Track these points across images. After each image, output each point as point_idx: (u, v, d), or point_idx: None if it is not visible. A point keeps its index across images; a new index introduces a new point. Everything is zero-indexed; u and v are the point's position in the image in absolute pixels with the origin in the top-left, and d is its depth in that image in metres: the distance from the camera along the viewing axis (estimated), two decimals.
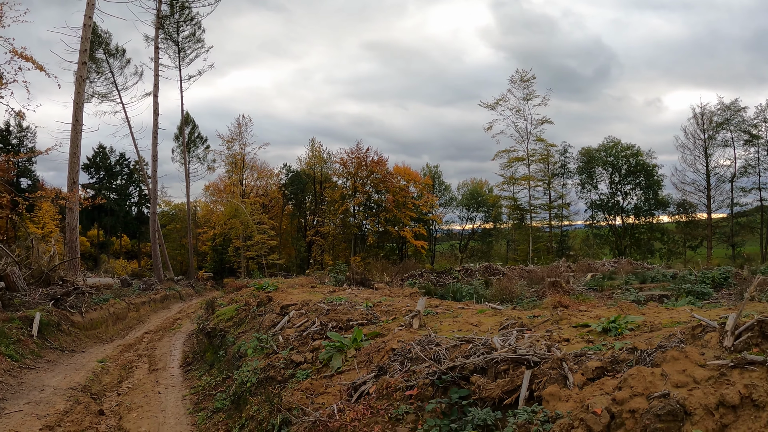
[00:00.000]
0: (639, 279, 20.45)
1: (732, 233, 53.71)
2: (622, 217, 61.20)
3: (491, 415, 4.53)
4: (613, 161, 60.10)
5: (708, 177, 53.85)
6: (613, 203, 60.74)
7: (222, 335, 13.64)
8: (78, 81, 28.98)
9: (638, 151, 59.68)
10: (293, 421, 6.04)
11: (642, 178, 59.62)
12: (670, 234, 60.41)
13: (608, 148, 60.48)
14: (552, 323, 7.02)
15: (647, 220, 60.78)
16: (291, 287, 17.36)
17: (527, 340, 5.79)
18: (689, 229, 58.28)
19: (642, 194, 60.28)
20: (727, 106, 52.93)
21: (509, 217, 62.50)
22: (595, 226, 62.76)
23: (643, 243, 59.74)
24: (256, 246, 52.75)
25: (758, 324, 4.23)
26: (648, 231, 60.60)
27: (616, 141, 60.61)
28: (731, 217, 54.89)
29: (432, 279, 23.96)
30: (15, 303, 16.61)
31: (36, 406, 9.82)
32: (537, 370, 4.81)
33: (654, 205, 59.94)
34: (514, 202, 59.55)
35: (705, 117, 53.69)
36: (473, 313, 8.76)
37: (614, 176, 60.73)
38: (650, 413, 3.55)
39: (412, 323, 7.84)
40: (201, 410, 9.49)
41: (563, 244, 59.33)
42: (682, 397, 3.61)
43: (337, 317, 9.25)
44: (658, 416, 3.51)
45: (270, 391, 7.30)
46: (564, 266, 31.60)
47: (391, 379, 5.60)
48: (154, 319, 24.41)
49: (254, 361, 8.86)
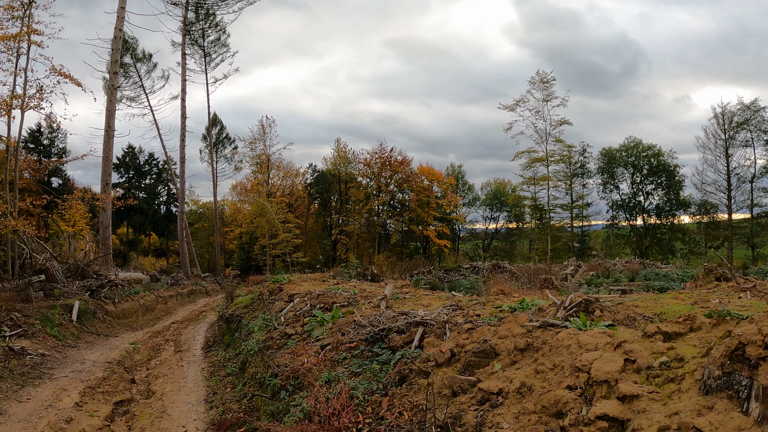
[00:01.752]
0: (629, 277, 22.13)
1: (752, 234, 54.34)
2: (643, 217, 62.07)
3: (389, 355, 6.65)
4: (634, 161, 61.10)
5: (729, 177, 54.33)
6: (635, 203, 61.73)
7: (238, 320, 15.83)
8: (110, 89, 31.52)
9: (659, 151, 60.67)
10: (278, 373, 8.14)
11: (664, 178, 60.54)
12: (691, 234, 61.15)
13: (629, 148, 61.52)
14: (480, 305, 9.00)
15: (668, 221, 61.56)
16: (303, 281, 19.45)
17: (437, 312, 7.83)
18: (710, 230, 59.03)
19: (663, 194, 61.18)
20: (747, 106, 53.54)
21: (531, 216, 63.91)
22: (616, 225, 63.73)
23: (664, 243, 60.59)
24: (281, 244, 54.78)
25: (584, 301, 6.20)
26: (669, 231, 61.44)
27: (637, 141, 61.69)
28: (751, 218, 55.50)
29: (440, 275, 25.93)
30: (55, 293, 19.01)
31: (79, 374, 12.05)
32: (428, 329, 6.88)
33: (675, 205, 60.76)
34: (534, 202, 61.03)
35: (726, 117, 54.27)
36: (431, 299, 10.79)
37: (636, 176, 61.72)
38: (471, 351, 5.58)
39: (380, 305, 9.86)
40: (215, 376, 11.68)
41: (584, 244, 60.60)
42: (494, 343, 5.63)
43: (324, 300, 11.38)
44: (475, 353, 5.55)
45: (266, 355, 9.43)
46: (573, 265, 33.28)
47: (342, 338, 7.68)
48: (180, 312, 26.75)
49: (258, 335, 11.02)
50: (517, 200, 64.15)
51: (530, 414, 4.29)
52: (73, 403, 9.86)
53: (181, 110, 47.24)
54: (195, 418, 9.25)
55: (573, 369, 4.46)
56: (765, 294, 7.73)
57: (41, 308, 16.36)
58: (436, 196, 63.48)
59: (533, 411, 4.30)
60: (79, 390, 10.75)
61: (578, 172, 62.13)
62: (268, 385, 8.24)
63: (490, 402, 4.71)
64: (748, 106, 53.52)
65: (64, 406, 9.62)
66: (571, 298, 6.36)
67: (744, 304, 6.75)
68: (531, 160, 58.45)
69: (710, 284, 9.58)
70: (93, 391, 10.87)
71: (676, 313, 5.88)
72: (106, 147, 30.76)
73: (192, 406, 9.99)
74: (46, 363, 12.71)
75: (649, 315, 6.30)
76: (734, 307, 6.37)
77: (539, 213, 61.18)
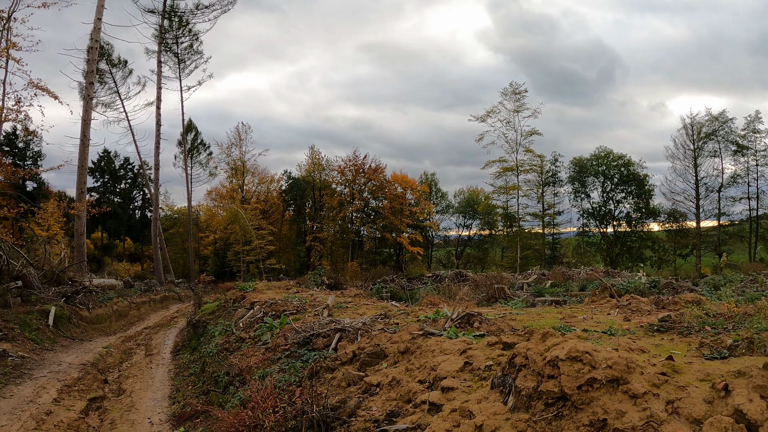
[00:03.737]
0: (580, 287, 23.83)
1: (719, 242, 56.64)
2: (613, 225, 64.29)
3: (310, 355, 8.34)
4: (605, 170, 63.26)
5: (697, 187, 56.76)
6: (605, 211, 63.90)
7: (204, 326, 17.36)
8: (85, 100, 32.82)
9: (629, 161, 62.93)
10: (229, 372, 9.76)
11: (634, 187, 62.75)
12: (661, 242, 63.36)
13: (600, 157, 63.68)
14: (405, 314, 10.69)
15: (638, 229, 63.75)
16: (268, 289, 21.02)
17: (363, 320, 9.52)
18: (679, 238, 61.27)
19: (633, 203, 63.41)
20: (715, 117, 56.04)
21: (503, 225, 65.84)
22: (587, 233, 65.86)
23: (633, 251, 62.73)
24: (254, 251, 56.05)
25: (467, 315, 7.92)
26: (639, 239, 63.61)
27: (608, 150, 63.86)
28: (718, 227, 57.85)
29: (402, 284, 27.52)
30: (32, 299, 20.31)
31: (56, 374, 13.51)
32: (345, 334, 8.56)
33: (645, 213, 63.06)
34: (504, 211, 62.97)
35: (694, 127, 56.70)
36: (368, 308, 12.45)
37: (606, 185, 63.91)
38: (366, 352, 7.26)
39: (323, 313, 11.49)
40: (179, 376, 13.25)
41: (555, 252, 62.65)
42: (385, 347, 7.33)
43: (275, 309, 13.03)
44: (368, 354, 7.25)
45: (222, 357, 11.04)
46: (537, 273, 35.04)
47: (280, 341, 9.31)
48: (153, 317, 28.12)
49: (217, 339, 12.63)
50: (488, 209, 66.00)
51: (393, 400, 5.93)
52: (52, 399, 11.33)
53: (156, 117, 48.44)
54: (159, 412, 10.83)
55: (429, 368, 6.12)
56: (633, 311, 9.39)
57: (19, 313, 17.68)
58: (410, 204, 65.05)
59: (395, 398, 5.94)
60: (57, 388, 12.21)
61: (550, 181, 64.05)
62: (221, 382, 9.90)
63: (369, 391, 6.37)
64: (716, 117, 56.10)
65: (44, 402, 11.09)
66: (458, 311, 8.05)
67: (601, 320, 8.45)
68: (502, 169, 60.30)
69: (603, 300, 11.31)
70: (69, 390, 12.33)
71: (543, 326, 7.57)
72: (81, 156, 31.99)
73: (157, 401, 11.55)
74: (26, 364, 14.12)
75: (518, 327, 7.98)
76: (591, 323, 8.08)
77: (509, 221, 63.07)
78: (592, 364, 4.09)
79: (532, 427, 4.08)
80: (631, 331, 6.98)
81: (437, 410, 5.14)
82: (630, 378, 3.99)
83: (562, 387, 4.07)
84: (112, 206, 61.29)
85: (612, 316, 8.98)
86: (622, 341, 5.97)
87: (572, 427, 3.86)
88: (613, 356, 4.12)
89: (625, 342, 5.86)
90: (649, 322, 7.20)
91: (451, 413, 4.81)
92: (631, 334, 6.73)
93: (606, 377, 3.98)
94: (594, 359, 4.12)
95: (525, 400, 4.39)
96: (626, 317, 8.53)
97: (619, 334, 6.77)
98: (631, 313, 9.06)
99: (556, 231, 65.87)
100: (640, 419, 3.61)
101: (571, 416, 3.96)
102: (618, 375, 3.98)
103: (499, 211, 64.16)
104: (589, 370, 4.06)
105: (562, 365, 4.19)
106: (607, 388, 3.95)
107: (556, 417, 4.05)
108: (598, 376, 4.00)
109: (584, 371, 4.07)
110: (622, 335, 6.65)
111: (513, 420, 4.28)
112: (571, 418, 3.95)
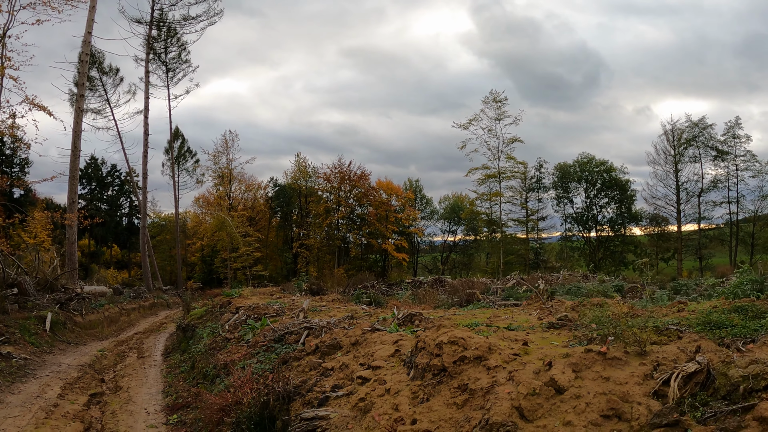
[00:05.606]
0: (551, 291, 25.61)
1: (699, 246, 58.70)
2: (596, 230, 66.27)
3: (282, 348, 10.12)
4: (588, 176, 65.30)
5: (678, 192, 58.80)
6: (588, 216, 65.90)
7: (193, 329, 19.09)
8: (76, 111, 34.41)
9: (611, 167, 64.96)
10: (216, 366, 11.53)
11: (616, 192, 64.81)
12: (643, 246, 65.36)
13: (583, 163, 65.73)
14: (368, 315, 12.51)
15: (620, 233, 65.80)
16: (252, 295, 22.79)
17: (332, 321, 11.31)
18: (661, 242, 63.38)
19: (616, 208, 65.53)
20: (695, 123, 58.13)
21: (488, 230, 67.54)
22: (570, 238, 67.81)
23: (616, 255, 64.71)
24: (241, 258, 57.53)
25: (410, 315, 9.74)
26: (621, 243, 65.65)
27: (590, 156, 65.92)
28: (699, 231, 59.93)
29: (383, 289, 29.26)
30: (28, 306, 21.86)
31: (58, 374, 15.20)
32: (312, 331, 10.37)
33: (627, 218, 65.15)
34: (487, 217, 64.79)
35: (675, 133, 58.79)
36: (339, 310, 14.28)
37: (589, 191, 65.93)
38: (326, 344, 9.06)
39: (299, 315, 13.28)
40: (171, 374, 15.00)
41: (539, 257, 64.53)
42: (341, 340, 9.12)
43: (258, 312, 14.86)
44: (327, 346, 9.07)
45: (209, 354, 12.82)
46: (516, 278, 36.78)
47: (259, 338, 11.11)
48: (143, 323, 29.78)
49: (206, 340, 14.41)
50: (472, 215, 67.78)
51: (341, 379, 7.74)
52: (57, 395, 13.03)
53: (144, 127, 49.97)
54: (154, 403, 12.57)
55: (369, 355, 7.92)
56: (550, 312, 11.18)
57: (18, 319, 19.27)
58: (395, 210, 66.65)
59: (342, 377, 7.78)
60: (60, 385, 13.90)
61: (534, 187, 65.79)
62: (209, 375, 11.68)
63: (325, 374, 8.18)
64: (696, 123, 58.13)
65: (50, 397, 12.78)
66: (404, 312, 9.88)
67: (518, 319, 10.27)
68: (485, 176, 61.84)
69: (537, 302, 13.14)
70: (71, 387, 14.02)
71: (463, 324, 9.40)
72: (72, 166, 33.53)
73: (152, 395, 13.30)
74: (29, 365, 15.80)
75: (447, 324, 9.77)
76: (509, 321, 9.89)
77: (492, 227, 64.96)
78: (465, 346, 5.92)
79: (423, 390, 5.89)
80: (533, 327, 8.77)
81: (365, 382, 6.92)
82: (489, 357, 5.81)
83: (443, 362, 5.89)
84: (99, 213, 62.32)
85: (530, 316, 10.76)
86: (519, 335, 7.75)
87: (447, 389, 5.67)
88: (481, 341, 5.94)
89: (515, 335, 7.66)
90: (551, 320, 8.98)
91: (373, 383, 6.63)
92: (530, 330, 8.50)
93: (473, 356, 5.80)
94: (467, 343, 5.94)
95: (420, 372, 6.20)
96: (540, 317, 10.30)
97: (520, 329, 8.55)
98: (548, 314, 10.83)
99: (542, 236, 67.79)
100: (488, 383, 5.42)
101: (447, 382, 5.78)
102: (481, 354, 5.80)
103: (483, 218, 65.81)
104: (461, 351, 5.88)
105: (445, 347, 6.01)
106: (474, 363, 5.76)
107: (438, 383, 5.86)
108: (468, 354, 5.82)
109: (459, 351, 5.90)
110: (522, 330, 8.43)
111: (411, 385, 6.10)
112: (447, 384, 5.76)
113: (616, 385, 4.99)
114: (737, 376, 4.46)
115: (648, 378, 5.08)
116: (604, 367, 5.28)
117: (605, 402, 4.76)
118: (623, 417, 4.62)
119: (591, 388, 5.02)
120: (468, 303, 22.99)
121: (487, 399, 5.17)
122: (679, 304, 10.18)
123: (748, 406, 4.16)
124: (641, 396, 4.81)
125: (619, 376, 5.14)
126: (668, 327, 6.93)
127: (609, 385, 5.02)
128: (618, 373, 5.18)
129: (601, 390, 4.95)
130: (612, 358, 5.39)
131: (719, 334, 6.64)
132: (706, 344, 5.97)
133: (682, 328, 6.92)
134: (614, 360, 5.37)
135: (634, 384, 4.98)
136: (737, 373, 4.48)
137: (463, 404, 5.37)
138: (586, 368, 5.28)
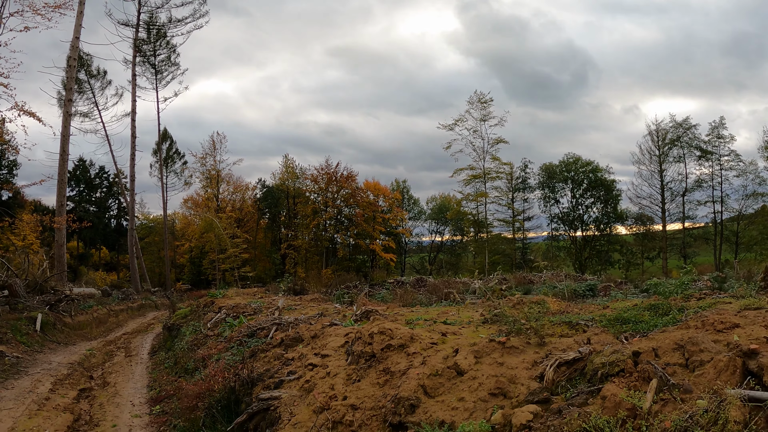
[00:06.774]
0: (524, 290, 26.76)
1: (684, 245, 60.09)
2: (582, 230, 67.61)
3: (253, 342, 11.34)
4: (574, 176, 66.64)
5: (662, 191, 60.14)
6: (574, 216, 67.22)
7: (178, 328, 20.27)
8: (64, 116, 35.41)
9: (597, 167, 66.30)
10: (196, 360, 12.74)
11: (602, 192, 66.12)
12: (629, 246, 66.78)
13: (568, 164, 67.08)
14: (337, 313, 13.72)
15: (606, 232, 67.09)
16: (237, 295, 23.93)
17: (292, 317, 12.52)
18: (646, 241, 64.72)
19: (602, 207, 66.78)
20: (679, 124, 59.64)
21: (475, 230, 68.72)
22: (557, 238, 69.16)
23: (602, 254, 66.07)
24: (229, 259, 58.33)
25: (366, 311, 10.97)
26: (607, 243, 66.95)
27: (576, 157, 67.26)
28: (683, 230, 61.36)
29: (365, 290, 30.32)
30: (19, 307, 22.87)
31: (48, 371, 16.35)
32: (280, 327, 11.60)
33: (613, 218, 66.44)
34: (473, 217, 66.02)
35: (659, 134, 60.17)
36: (312, 309, 15.49)
37: (575, 191, 67.26)
38: (290, 337, 10.29)
39: (274, 313, 14.49)
40: (156, 370, 16.21)
41: (525, 256, 65.78)
42: (303, 334, 10.37)
43: (236, 311, 16.08)
44: (291, 339, 10.30)
45: (191, 350, 14.04)
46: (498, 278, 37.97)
47: (234, 334, 12.33)
48: (131, 324, 30.87)
49: (188, 337, 15.62)
50: (458, 215, 69.06)
51: (300, 367, 8.96)
52: (48, 390, 14.18)
53: (131, 129, 50.93)
54: (139, 397, 13.77)
55: (323, 346, 9.16)
56: (495, 308, 12.37)
57: (9, 320, 20.32)
58: (382, 211, 67.68)
59: (299, 365, 8.99)
60: (51, 381, 15.05)
61: (520, 187, 66.88)
62: (189, 369, 12.89)
63: (287, 363, 9.40)
64: (680, 123, 59.64)
65: (42, 391, 13.93)
66: (362, 309, 11.13)
67: (463, 315, 11.48)
68: (470, 176, 63.11)
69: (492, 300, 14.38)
70: (61, 382, 15.19)
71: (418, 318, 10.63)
72: (61, 170, 34.53)
73: (137, 390, 14.50)
74: (21, 363, 16.92)
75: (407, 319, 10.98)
76: (449, 317, 11.10)
77: (478, 227, 66.25)
78: (392, 336, 7.16)
79: (356, 372, 7.14)
80: (470, 322, 9.97)
81: (315, 368, 8.14)
82: (411, 345, 7.05)
83: (374, 350, 7.13)
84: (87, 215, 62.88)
85: (476, 313, 11.95)
86: (450, 328, 8.97)
87: (374, 372, 6.92)
88: (405, 332, 7.20)
89: (446, 328, 8.89)
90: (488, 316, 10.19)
91: (319, 368, 7.86)
92: (467, 324, 9.69)
93: (398, 344, 7.05)
94: (393, 333, 7.18)
95: (356, 358, 7.45)
96: (483, 313, 11.49)
97: (457, 323, 9.76)
98: (493, 310, 12.06)
99: (528, 235, 69.00)
100: (405, 366, 6.68)
101: (375, 366, 7.03)
102: (404, 342, 7.05)
103: (470, 218, 67.05)
104: (388, 340, 7.13)
105: (375, 337, 7.25)
106: (398, 350, 7.01)
107: (368, 367, 7.12)
108: (393, 343, 7.07)
109: (386, 340, 7.14)
110: (458, 325, 9.62)
111: (348, 369, 7.36)
112: (375, 367, 7.02)
113: (507, 369, 6.23)
114: (598, 363, 5.69)
115: (536, 364, 6.30)
116: (502, 354, 6.52)
117: (495, 382, 5.99)
118: (507, 395, 5.86)
119: (486, 371, 6.26)
120: (446, 301, 24.17)
121: (402, 379, 6.37)
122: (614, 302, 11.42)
123: (598, 388, 5.36)
124: (526, 379, 6.04)
125: (513, 362, 6.38)
126: (579, 323, 8.15)
127: (502, 369, 6.26)
128: (512, 360, 6.43)
129: (494, 373, 6.18)
130: (510, 347, 6.64)
131: (620, 329, 7.82)
132: (604, 337, 7.21)
133: (590, 324, 8.13)
134: (512, 349, 6.63)
135: (523, 369, 6.22)
136: (600, 360, 5.71)
137: (384, 384, 6.58)
138: (486, 355, 6.51)
